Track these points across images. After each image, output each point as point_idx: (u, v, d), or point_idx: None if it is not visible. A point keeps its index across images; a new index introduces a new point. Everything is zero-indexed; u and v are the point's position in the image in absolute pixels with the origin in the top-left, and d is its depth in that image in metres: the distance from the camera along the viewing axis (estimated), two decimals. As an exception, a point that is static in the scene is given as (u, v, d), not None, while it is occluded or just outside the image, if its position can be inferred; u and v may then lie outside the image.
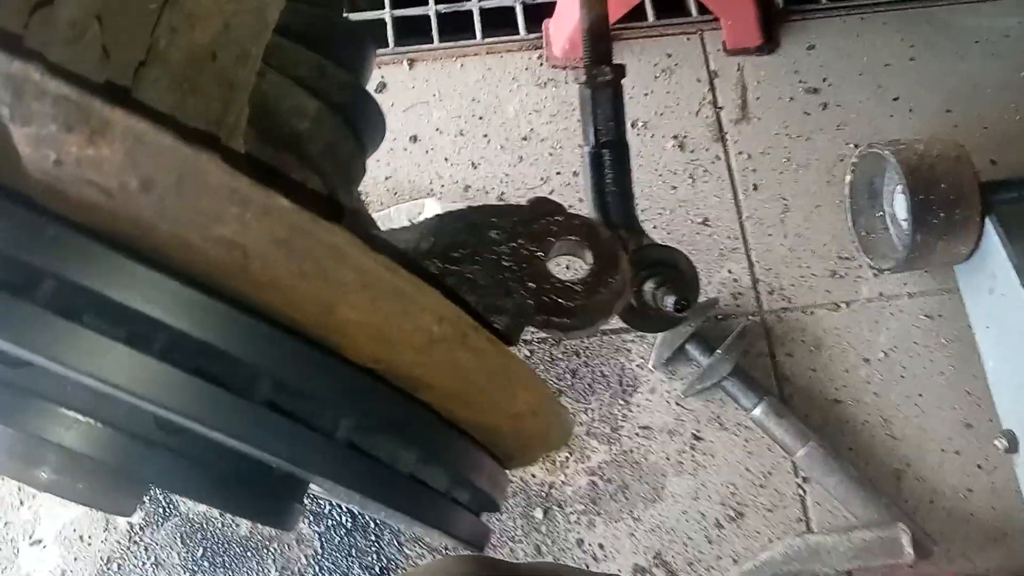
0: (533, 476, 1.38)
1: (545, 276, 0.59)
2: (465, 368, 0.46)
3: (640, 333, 1.44)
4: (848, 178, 1.46)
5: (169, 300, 0.37)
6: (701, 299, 1.44)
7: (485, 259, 0.59)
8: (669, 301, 0.84)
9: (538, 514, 1.37)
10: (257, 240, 0.38)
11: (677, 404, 1.41)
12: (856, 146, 1.52)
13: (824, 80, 1.58)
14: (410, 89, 1.57)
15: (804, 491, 1.38)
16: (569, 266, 0.78)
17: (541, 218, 0.60)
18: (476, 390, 0.48)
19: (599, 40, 0.90)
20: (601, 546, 1.36)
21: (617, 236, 0.92)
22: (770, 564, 1.29)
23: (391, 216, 1.46)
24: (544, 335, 1.44)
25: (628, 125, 1.53)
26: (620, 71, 0.91)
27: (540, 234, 0.59)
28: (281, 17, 0.62)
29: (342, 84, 0.63)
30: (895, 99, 1.57)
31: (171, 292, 0.38)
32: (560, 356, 1.43)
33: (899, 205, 1.41)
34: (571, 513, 1.37)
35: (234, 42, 0.50)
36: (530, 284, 0.58)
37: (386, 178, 1.52)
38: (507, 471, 0.59)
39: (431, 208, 1.45)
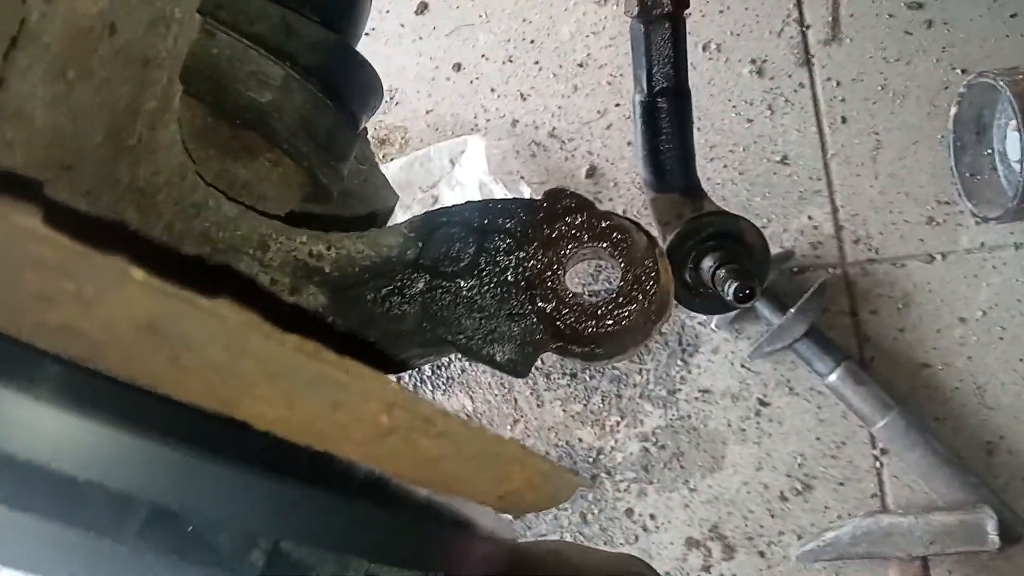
0: (580, 440, 1.29)
1: (562, 294, 0.46)
2: (433, 458, 0.35)
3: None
4: (953, 110, 1.26)
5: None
6: (776, 250, 1.29)
7: (486, 272, 0.46)
8: (731, 288, 0.71)
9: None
10: (106, 326, 0.27)
11: (742, 366, 1.28)
12: (964, 72, 1.32)
13: (930, -8, 1.36)
14: (454, 9, 1.42)
15: (881, 464, 1.25)
16: (598, 270, 0.65)
17: (559, 219, 0.47)
18: (452, 477, 0.37)
19: (656, -37, 0.74)
20: (652, 516, 1.26)
21: (677, 204, 0.78)
22: (836, 544, 1.18)
23: (431, 155, 1.33)
24: (596, 287, 1.32)
25: (699, 48, 1.37)
26: (683, 1, 0.75)
27: (557, 241, 0.47)
28: (233, -41, 0.50)
29: (315, 42, 0.50)
30: (1013, 15, 1.34)
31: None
32: (614, 310, 1.31)
33: (1011, 144, 1.21)
34: (621, 481, 1.27)
35: (143, 4, 0.38)
36: (542, 305, 0.46)
37: (427, 112, 1.39)
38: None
39: (474, 146, 1.32)
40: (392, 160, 1.36)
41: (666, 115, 0.76)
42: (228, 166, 0.51)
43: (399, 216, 0.66)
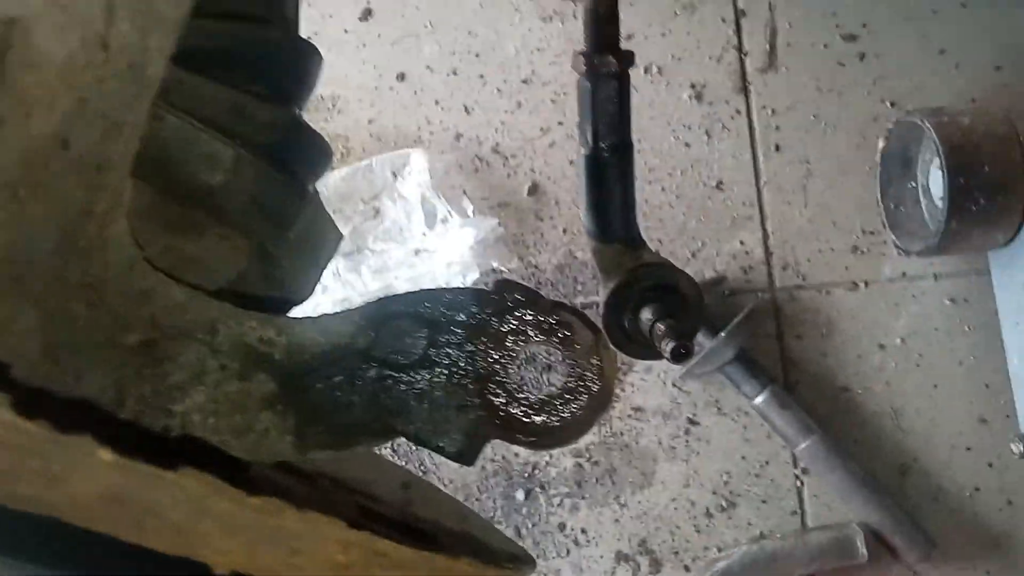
0: (516, 455, 1.31)
1: (510, 388, 0.47)
2: (385, 584, 0.36)
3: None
4: (881, 144, 1.31)
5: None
6: (710, 274, 1.32)
7: (437, 366, 0.47)
8: (668, 347, 0.73)
9: (519, 495, 1.30)
10: (71, 498, 0.27)
11: (673, 386, 1.32)
12: (893, 104, 1.37)
13: (864, 26, 1.40)
14: (400, 17, 1.40)
15: (802, 483, 1.30)
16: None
17: (508, 313, 0.48)
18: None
19: (606, 23, 0.75)
20: (584, 531, 1.30)
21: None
22: (728, 573, 1.23)
23: (373, 167, 1.33)
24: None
25: (641, 70, 1.38)
26: (628, 59, 0.76)
27: (506, 336, 0.48)
28: (183, 40, 0.49)
29: (268, 123, 0.50)
30: (941, 52, 1.40)
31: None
32: (551, 328, 1.33)
33: (934, 180, 1.27)
34: (554, 496, 1.30)
35: (96, 117, 0.38)
36: (491, 398, 0.47)
37: (369, 121, 1.38)
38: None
39: (417, 160, 1.32)
40: (333, 170, 1.34)
41: (611, 169, 0.77)
42: (175, 242, 0.50)
43: (341, 225, 0.66)
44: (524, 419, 0.47)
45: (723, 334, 1.26)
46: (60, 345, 0.42)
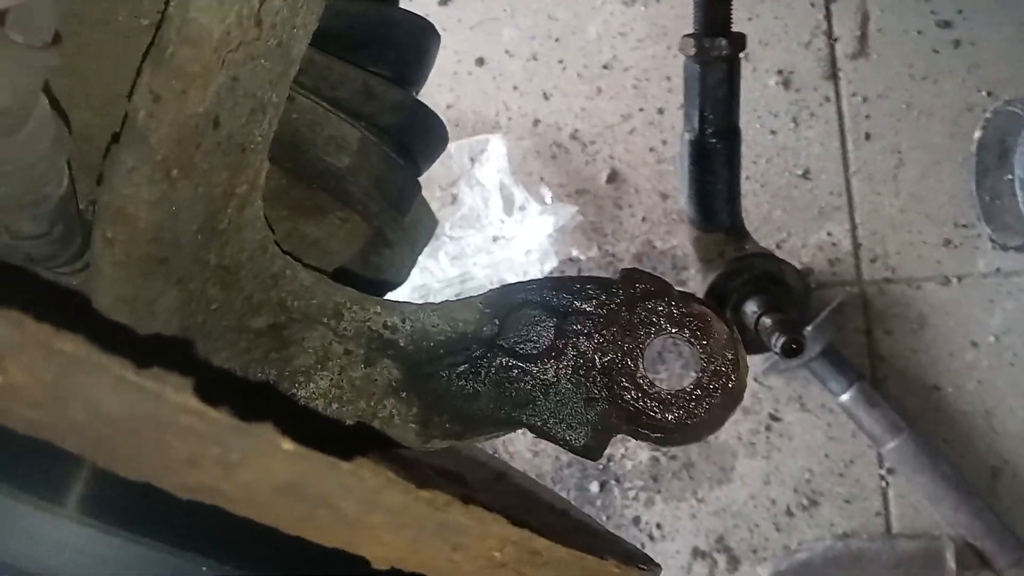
0: (592, 446, 1.29)
1: (640, 382, 0.46)
2: (537, 582, 0.34)
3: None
4: (978, 134, 1.26)
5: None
6: (794, 261, 1.29)
7: (565, 356, 0.46)
8: (779, 342, 0.71)
9: (593, 487, 1.29)
10: (245, 487, 0.26)
11: (755, 380, 1.29)
12: (989, 94, 1.31)
13: (959, 12, 1.34)
14: (479, 2, 1.39)
15: (887, 483, 1.26)
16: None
17: (638, 303, 0.46)
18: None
19: (718, 3, 0.72)
20: (659, 526, 1.28)
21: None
22: (807, 566, 1.20)
23: (451, 153, 1.31)
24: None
25: (725, 55, 1.35)
26: (740, 42, 0.74)
27: (636, 327, 0.46)
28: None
29: (394, 104, 0.49)
30: (1043, 37, 1.34)
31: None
32: (630, 318, 1.31)
33: (1036, 172, 1.21)
34: (629, 489, 1.28)
35: (245, 96, 0.37)
36: (619, 391, 0.46)
37: (447, 107, 1.37)
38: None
39: (495, 147, 1.31)
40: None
41: (717, 156, 0.75)
42: (299, 225, 0.50)
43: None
44: (654, 414, 0.46)
45: (809, 328, 1.22)
46: (195, 327, 0.42)
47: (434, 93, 1.37)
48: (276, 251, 0.45)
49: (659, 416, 0.46)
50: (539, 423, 0.46)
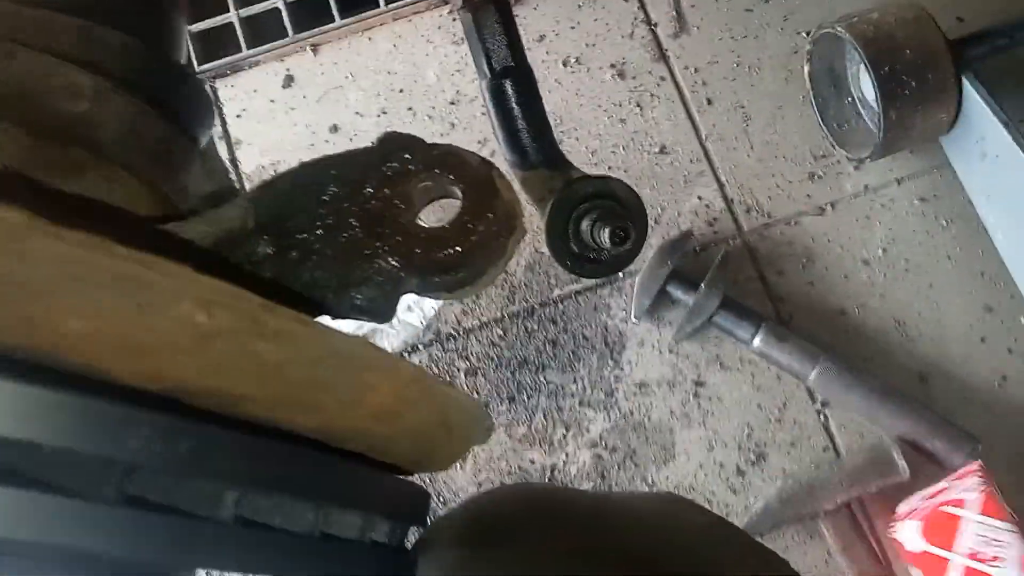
0: (532, 462, 1.27)
1: (407, 227, 0.46)
2: (274, 363, 0.34)
3: (617, 285, 1.31)
4: (806, 68, 1.32)
5: None
6: (674, 232, 1.31)
7: (329, 220, 0.46)
8: (604, 235, 0.72)
9: (544, 500, 1.25)
10: None
11: (670, 352, 1.29)
12: (808, 34, 1.39)
13: (760, -29, 1.44)
14: (319, 76, 1.44)
15: (826, 416, 1.25)
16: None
17: (392, 158, 0.47)
18: (307, 389, 0.36)
19: (470, -46, 0.77)
20: (619, 520, 1.24)
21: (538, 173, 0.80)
22: (767, 513, 1.18)
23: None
24: (514, 308, 1.32)
25: (560, 64, 1.41)
26: (502, -14, 0.78)
27: (394, 178, 0.47)
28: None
29: (122, 50, 0.51)
30: (841, -25, 1.43)
31: None
32: (535, 328, 1.31)
33: (866, 85, 1.27)
34: (579, 492, 1.25)
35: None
36: (392, 242, 0.46)
37: (312, 176, 1.40)
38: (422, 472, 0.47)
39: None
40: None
41: (512, 94, 0.78)
42: (60, 186, 0.50)
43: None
44: (430, 253, 0.46)
45: (703, 285, 1.24)
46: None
47: (296, 168, 1.41)
48: (32, 177, 0.45)
49: (433, 254, 0.46)
50: (319, 295, 0.46)
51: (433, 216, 0.51)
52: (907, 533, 1.10)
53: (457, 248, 0.46)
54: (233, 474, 0.33)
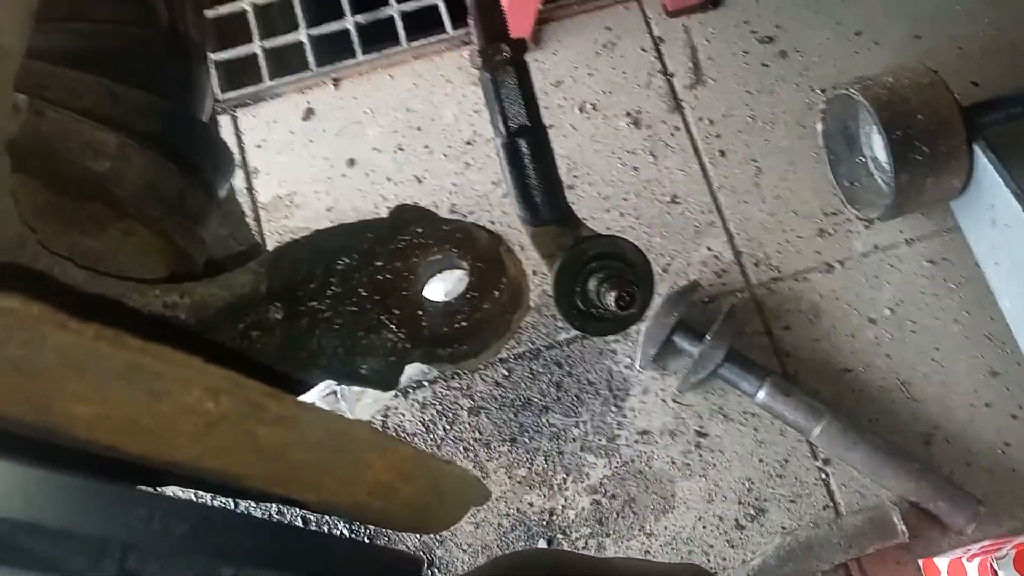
0: (531, 504, 1.27)
1: (415, 300, 0.47)
2: (275, 446, 0.35)
3: (624, 332, 1.32)
4: (820, 127, 1.33)
5: None
6: (682, 282, 1.32)
7: (339, 291, 0.47)
8: (610, 298, 0.73)
9: (542, 545, 1.25)
10: None
11: (674, 402, 1.29)
12: (823, 91, 1.40)
13: (777, 26, 1.46)
14: (339, 110, 1.46)
15: (827, 474, 1.25)
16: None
17: (403, 231, 0.49)
18: (307, 469, 0.36)
19: (489, 14, 0.78)
20: (615, 569, 1.24)
21: (549, 231, 0.81)
22: (764, 571, 1.17)
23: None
24: (520, 349, 1.33)
25: (576, 110, 1.43)
26: (520, 46, 0.79)
27: (405, 251, 0.48)
28: (56, 41, 0.52)
29: (145, 108, 0.52)
30: (857, 33, 1.44)
31: None
32: (540, 370, 1.32)
33: (878, 147, 1.28)
34: (578, 539, 1.25)
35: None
36: (396, 312, 0.47)
37: (328, 209, 1.42)
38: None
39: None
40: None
41: (526, 152, 0.79)
42: (77, 240, 0.51)
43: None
44: (435, 328, 0.47)
45: (708, 336, 1.24)
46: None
47: (312, 200, 1.43)
48: (39, 249, 0.46)
49: (441, 328, 0.47)
50: (326, 362, 0.47)
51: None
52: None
53: (463, 323, 0.47)
54: (229, 552, 0.34)
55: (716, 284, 1.34)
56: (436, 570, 1.25)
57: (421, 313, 0.47)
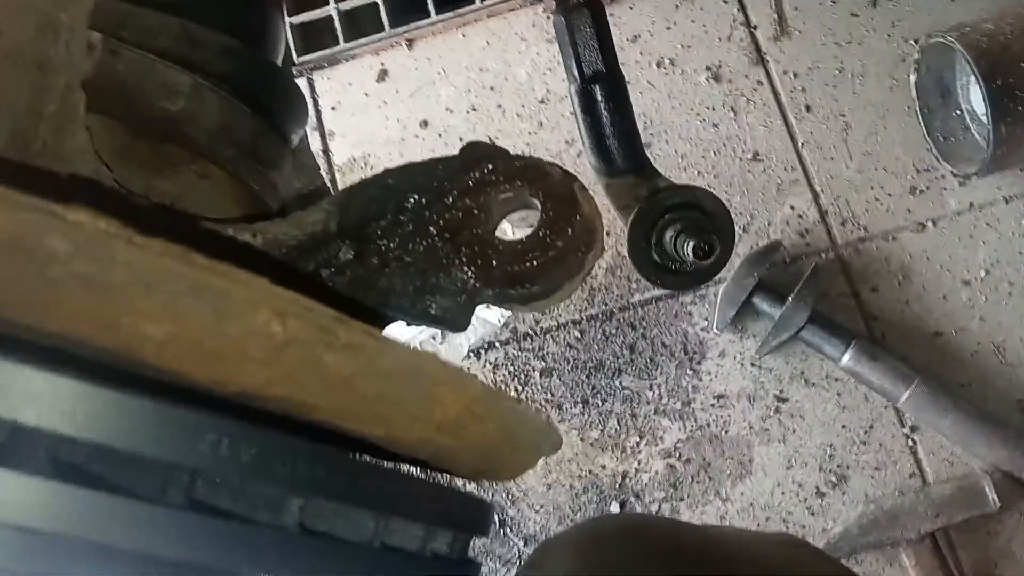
0: (603, 467, 1.25)
1: (486, 238, 0.46)
2: (343, 375, 0.34)
3: (700, 293, 1.29)
4: (913, 78, 1.27)
5: None
6: (763, 242, 1.28)
7: (409, 227, 0.46)
8: (688, 248, 0.70)
9: (614, 509, 1.24)
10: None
11: (753, 365, 1.25)
12: (916, 42, 1.33)
13: (869, -26, 1.38)
14: (413, 71, 1.46)
15: (914, 441, 1.20)
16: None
17: (474, 168, 0.47)
18: (375, 401, 0.36)
19: (565, -43, 0.76)
20: (690, 533, 1.22)
21: (626, 179, 0.79)
22: (846, 538, 1.13)
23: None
24: (593, 310, 1.31)
25: (654, 65, 1.39)
26: (597, -12, 0.77)
27: (476, 188, 0.47)
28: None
29: (221, 50, 0.52)
30: (956, -21, 1.36)
31: None
32: (613, 332, 1.30)
33: (976, 98, 1.21)
34: (651, 503, 1.24)
35: (27, 8, 0.40)
36: (467, 251, 0.46)
37: (401, 170, 1.41)
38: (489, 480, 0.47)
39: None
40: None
41: (601, 100, 0.77)
42: (153, 181, 0.52)
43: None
44: (507, 267, 0.46)
45: (791, 298, 1.20)
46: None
47: (386, 161, 1.43)
48: (115, 187, 0.47)
49: (511, 267, 0.46)
50: (395, 301, 0.46)
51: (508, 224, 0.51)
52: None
53: (534, 262, 0.45)
54: (297, 481, 0.33)
55: (799, 244, 1.29)
56: (508, 529, 1.25)
57: (492, 252, 0.46)
